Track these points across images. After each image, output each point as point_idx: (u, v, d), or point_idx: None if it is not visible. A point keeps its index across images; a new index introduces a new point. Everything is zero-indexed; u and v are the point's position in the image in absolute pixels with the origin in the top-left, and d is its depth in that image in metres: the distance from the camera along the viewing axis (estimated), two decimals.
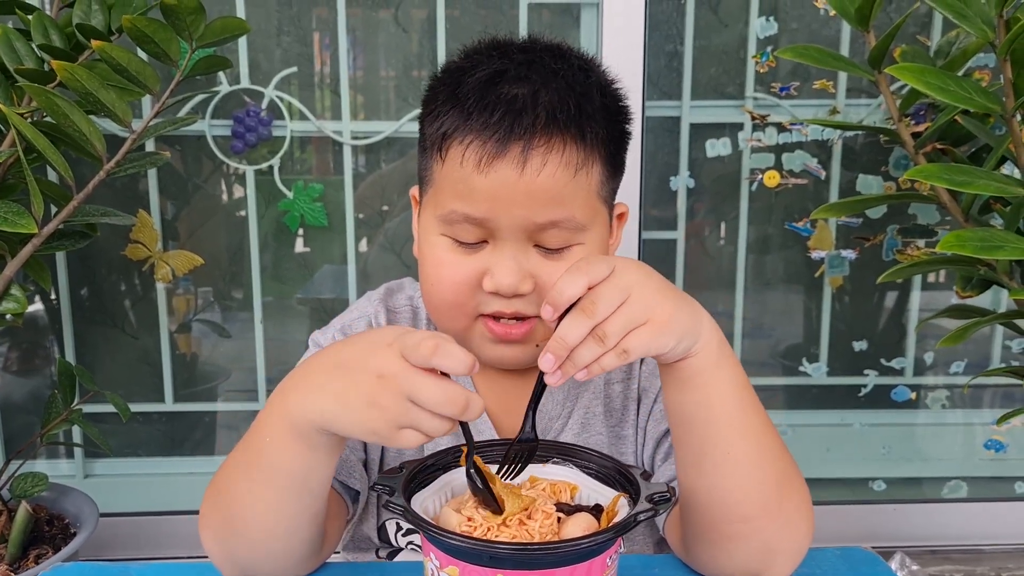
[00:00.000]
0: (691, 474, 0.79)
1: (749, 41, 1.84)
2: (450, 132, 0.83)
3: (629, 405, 0.97)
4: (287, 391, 0.72)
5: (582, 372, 0.68)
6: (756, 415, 0.78)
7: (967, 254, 1.15)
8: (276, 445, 0.72)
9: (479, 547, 0.64)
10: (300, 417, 0.69)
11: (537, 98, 0.81)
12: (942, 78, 1.17)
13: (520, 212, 0.81)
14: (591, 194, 0.85)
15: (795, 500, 0.79)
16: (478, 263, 0.84)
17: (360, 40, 1.84)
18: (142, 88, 1.31)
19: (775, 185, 1.88)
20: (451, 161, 0.83)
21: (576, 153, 0.82)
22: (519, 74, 0.83)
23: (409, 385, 0.64)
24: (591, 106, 0.84)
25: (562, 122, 0.81)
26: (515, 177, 0.80)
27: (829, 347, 1.99)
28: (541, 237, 0.83)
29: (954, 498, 2.06)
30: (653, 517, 0.67)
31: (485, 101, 0.81)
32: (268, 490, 0.74)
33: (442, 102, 0.85)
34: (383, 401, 0.65)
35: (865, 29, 1.42)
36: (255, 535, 0.77)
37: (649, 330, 0.69)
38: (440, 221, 0.85)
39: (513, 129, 0.80)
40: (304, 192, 1.84)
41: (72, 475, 1.94)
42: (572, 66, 0.86)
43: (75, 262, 1.86)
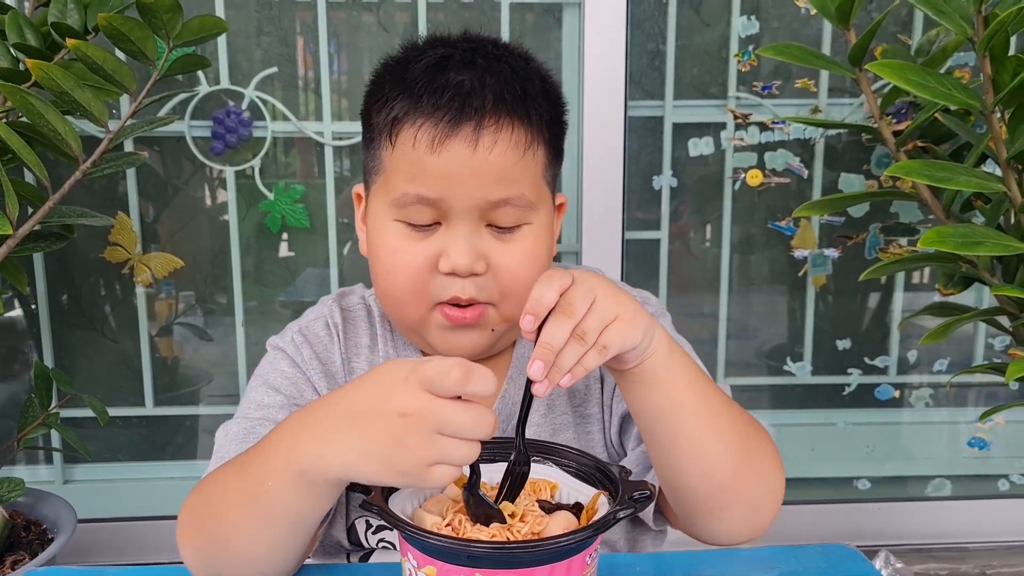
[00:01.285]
0: (666, 463, 0.82)
1: (731, 40, 1.85)
2: (400, 116, 0.85)
3: (591, 384, 0.97)
4: (297, 441, 0.68)
5: (566, 377, 0.70)
6: (712, 393, 0.81)
7: (948, 250, 1.16)
8: (281, 491, 0.70)
9: (457, 546, 0.63)
10: (313, 469, 0.67)
11: (484, 81, 0.84)
12: (922, 75, 1.18)
13: (473, 190, 0.83)
14: (538, 175, 0.88)
15: (762, 450, 0.84)
16: (432, 246, 0.85)
17: (342, 41, 1.83)
18: (118, 87, 1.29)
19: (758, 184, 1.88)
20: (402, 145, 0.85)
21: (524, 133, 0.85)
22: (464, 59, 0.86)
23: (439, 418, 0.62)
24: (534, 90, 0.87)
25: (509, 103, 0.84)
26: (468, 155, 0.82)
27: (813, 346, 1.99)
28: (494, 215, 0.85)
29: (938, 496, 2.07)
30: (633, 515, 0.67)
31: (434, 85, 0.84)
32: (266, 528, 0.73)
33: (389, 89, 0.87)
34: (411, 441, 0.62)
35: (846, 27, 1.42)
36: (246, 561, 0.76)
37: (621, 325, 0.72)
38: (392, 206, 0.86)
39: (464, 110, 0.83)
40: (285, 193, 1.83)
41: (51, 480, 1.92)
42: (512, 54, 0.89)
43: (53, 265, 1.84)
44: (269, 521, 0.73)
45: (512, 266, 0.86)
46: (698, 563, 0.86)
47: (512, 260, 0.86)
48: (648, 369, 0.76)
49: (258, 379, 0.94)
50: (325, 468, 0.67)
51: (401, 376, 0.64)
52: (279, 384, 0.92)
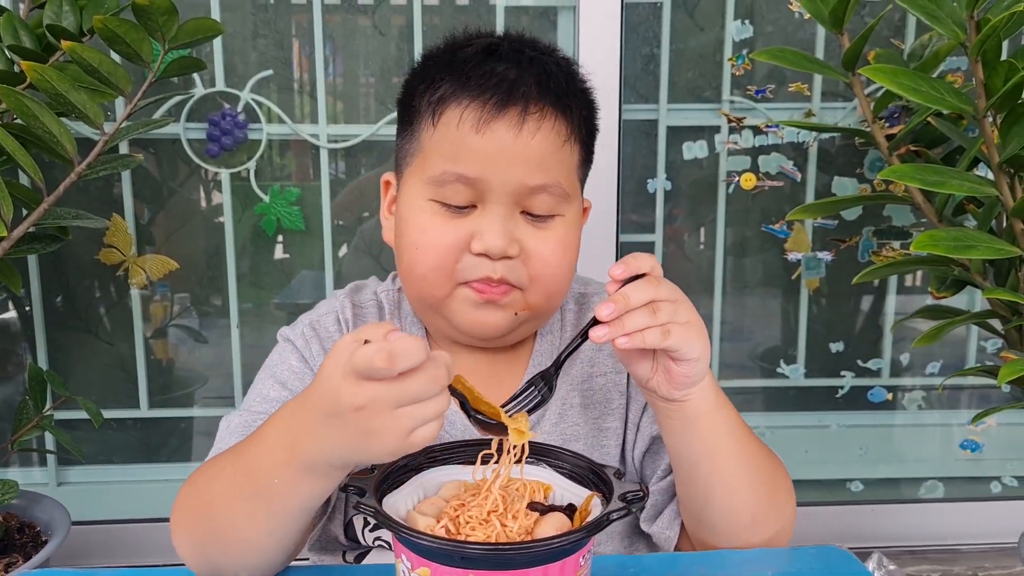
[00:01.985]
0: (696, 502, 0.87)
1: (725, 44, 1.85)
2: (447, 96, 0.86)
3: (613, 397, 0.98)
4: (297, 439, 0.69)
5: (624, 339, 0.74)
6: (747, 438, 0.86)
7: (940, 254, 1.17)
8: (288, 484, 0.71)
9: (451, 548, 0.63)
10: (320, 461, 0.68)
11: (531, 71, 0.87)
12: (915, 79, 1.18)
13: (514, 173, 0.85)
14: (572, 169, 0.91)
15: (782, 488, 0.89)
16: (465, 227, 0.86)
17: (337, 44, 1.83)
18: (114, 89, 1.30)
19: (751, 187, 1.89)
20: (446, 125, 0.86)
21: (564, 125, 0.88)
22: (513, 48, 0.89)
23: (391, 399, 0.62)
24: (574, 88, 0.90)
25: (553, 95, 0.87)
26: (511, 138, 0.84)
27: (806, 349, 2.00)
28: (530, 202, 0.87)
29: (931, 498, 2.07)
30: (626, 516, 0.67)
31: (483, 69, 0.86)
32: (271, 517, 0.74)
33: (437, 71, 0.89)
34: (376, 426, 0.63)
35: (839, 32, 1.43)
36: (246, 551, 0.77)
37: (690, 329, 0.77)
38: (429, 184, 0.87)
39: (511, 94, 0.85)
40: (281, 196, 1.83)
41: (45, 483, 1.92)
42: (555, 54, 0.92)
43: (48, 266, 1.84)
44: (274, 511, 0.73)
45: (544, 253, 0.88)
46: (692, 565, 0.86)
47: (545, 248, 0.88)
48: (692, 409, 0.81)
49: (267, 370, 0.96)
50: (328, 459, 0.68)
51: (339, 374, 0.64)
52: (286, 378, 0.93)
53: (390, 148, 1.86)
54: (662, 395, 0.81)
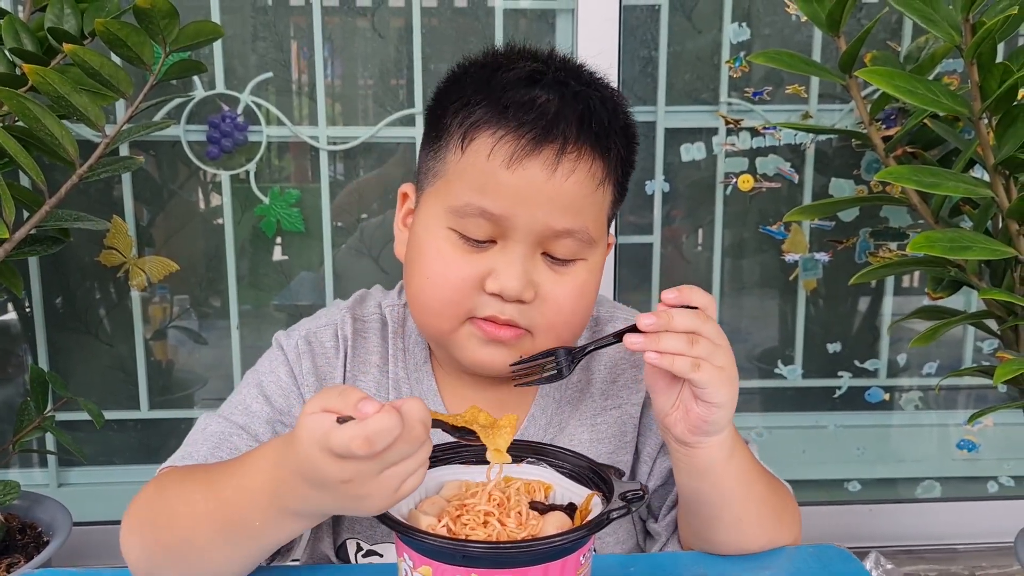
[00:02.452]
0: (704, 533, 0.87)
1: (723, 47, 1.86)
2: (480, 123, 0.81)
3: (627, 431, 0.96)
4: (280, 493, 0.69)
5: (654, 354, 0.73)
6: (758, 480, 0.85)
7: (936, 255, 1.18)
8: (269, 525, 0.72)
9: (452, 546, 0.64)
10: (304, 511, 0.70)
11: (574, 106, 0.81)
12: (911, 81, 1.19)
13: (541, 215, 0.81)
14: (603, 211, 0.86)
15: (790, 519, 0.90)
16: (482, 263, 0.82)
17: (336, 46, 1.84)
18: (115, 92, 1.30)
19: (749, 189, 1.89)
20: (475, 153, 0.81)
21: (600, 167, 0.83)
22: (557, 78, 0.82)
23: (375, 469, 0.63)
24: (617, 125, 0.85)
25: (594, 134, 0.82)
26: (544, 178, 0.80)
27: (804, 350, 2.00)
28: (552, 245, 0.83)
29: (928, 498, 2.08)
30: (626, 515, 0.68)
31: (523, 99, 0.81)
32: (243, 551, 0.75)
33: (473, 92, 0.83)
34: (366, 491, 0.64)
35: (836, 34, 1.43)
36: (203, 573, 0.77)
37: (721, 373, 0.75)
38: (451, 213, 0.83)
39: (549, 131, 0.80)
40: (281, 198, 1.84)
41: (46, 484, 1.92)
42: (601, 84, 0.87)
43: (49, 268, 1.84)
44: (250, 546, 0.74)
45: (561, 299, 0.84)
46: (691, 564, 0.87)
47: (562, 293, 0.84)
48: (705, 458, 0.80)
49: (255, 376, 0.94)
50: (315, 512, 0.70)
51: (316, 451, 0.63)
52: (271, 392, 0.92)
53: (390, 150, 1.87)
54: (676, 435, 0.79)
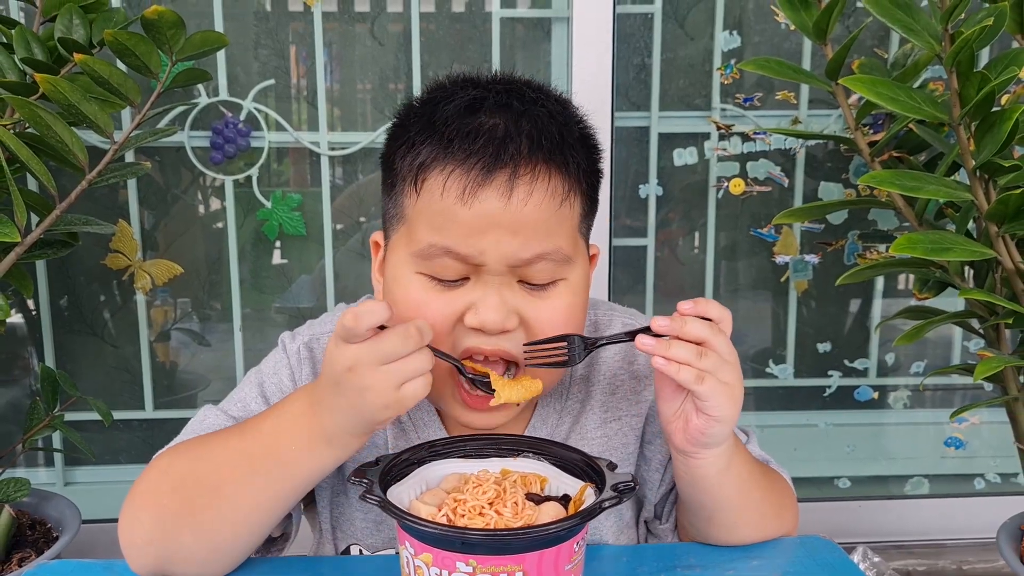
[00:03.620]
0: (700, 530, 0.90)
1: (714, 54, 1.89)
2: (428, 162, 0.79)
3: (629, 441, 0.96)
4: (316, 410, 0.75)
5: (661, 360, 0.75)
6: (756, 484, 0.87)
7: (918, 256, 1.20)
8: (304, 450, 0.76)
9: (451, 534, 0.67)
10: (333, 427, 0.75)
11: (520, 125, 0.79)
12: (893, 89, 1.23)
13: (507, 245, 0.78)
14: (574, 227, 0.83)
15: (788, 513, 0.93)
16: (458, 300, 0.80)
17: (336, 53, 1.86)
18: (123, 100, 1.33)
19: (740, 193, 1.92)
20: (429, 193, 0.79)
21: (561, 183, 0.80)
22: (499, 101, 0.80)
23: (372, 356, 0.71)
24: (572, 136, 0.82)
25: (547, 150, 0.79)
26: (501, 207, 0.77)
27: (795, 349, 2.03)
28: (527, 272, 0.80)
29: (916, 494, 2.10)
30: (617, 504, 0.70)
31: (466, 128, 0.78)
32: (276, 485, 0.78)
33: (416, 132, 0.81)
34: (367, 383, 0.71)
35: (823, 42, 1.46)
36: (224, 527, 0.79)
37: (725, 389, 0.77)
38: (417, 258, 0.80)
39: (499, 157, 0.77)
40: (282, 202, 1.86)
41: (52, 483, 1.94)
42: (549, 98, 0.84)
43: (55, 271, 1.87)
44: (283, 477, 0.77)
45: (545, 323, 0.81)
46: (681, 554, 0.89)
47: (546, 317, 0.81)
48: (701, 469, 0.81)
49: (257, 375, 0.95)
50: (340, 426, 0.75)
51: (333, 342, 0.72)
52: (271, 393, 0.93)
53: None
54: (675, 444, 0.80)
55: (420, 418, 0.95)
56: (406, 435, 0.94)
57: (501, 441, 0.82)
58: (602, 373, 0.97)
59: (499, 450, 0.82)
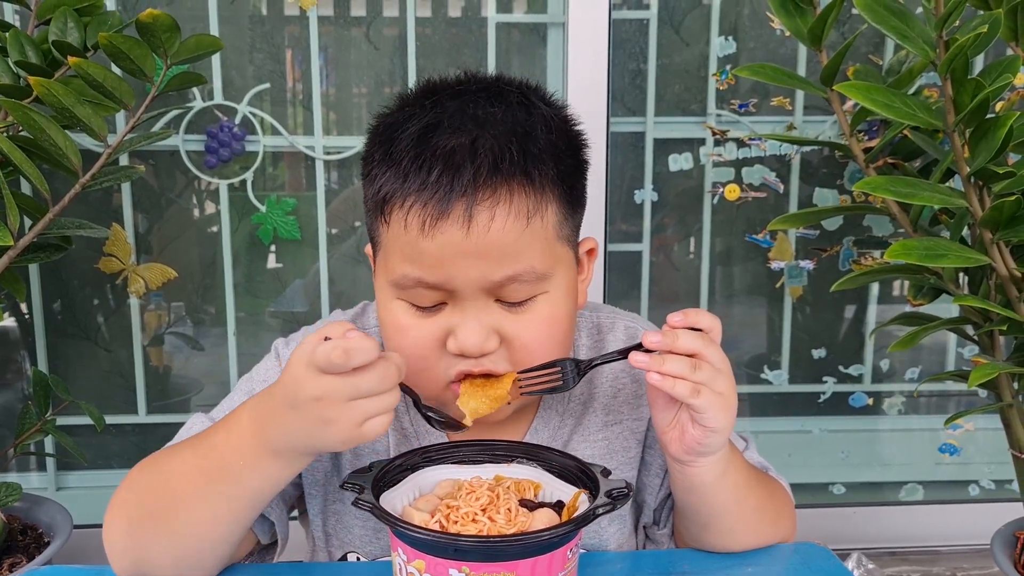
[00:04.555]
0: (696, 537, 0.90)
1: (710, 60, 1.89)
2: (389, 196, 0.79)
3: (631, 445, 0.96)
4: (262, 429, 0.73)
5: (656, 376, 0.74)
6: (752, 491, 0.87)
7: (913, 262, 1.20)
8: (251, 465, 0.75)
9: (445, 540, 0.66)
10: (282, 445, 0.73)
11: (476, 148, 0.76)
12: (888, 95, 1.23)
13: (474, 272, 0.77)
14: (549, 239, 0.81)
15: (785, 520, 0.93)
16: (439, 325, 0.80)
17: (332, 57, 1.86)
18: (117, 103, 1.33)
19: (736, 198, 1.92)
20: (395, 225, 0.79)
21: (526, 200, 0.78)
22: (453, 124, 0.78)
23: (345, 392, 0.68)
24: (536, 146, 0.79)
25: (506, 170, 0.77)
26: (462, 237, 0.76)
27: (790, 355, 2.02)
28: (502, 293, 0.79)
29: (911, 501, 2.10)
30: (611, 511, 0.70)
31: (420, 160, 0.77)
32: (226, 500, 0.77)
33: (377, 163, 0.81)
34: (332, 416, 0.69)
35: (818, 48, 1.46)
36: (186, 536, 0.78)
37: (720, 399, 0.76)
38: (393, 286, 0.81)
39: (453, 186, 0.75)
40: (277, 206, 1.86)
41: (44, 488, 1.93)
42: (511, 104, 0.81)
43: (48, 275, 1.86)
44: (232, 493, 0.76)
45: (527, 339, 0.81)
46: (676, 560, 0.90)
47: (527, 334, 0.81)
48: (696, 477, 0.81)
49: (247, 382, 0.95)
50: (290, 444, 0.73)
51: (302, 367, 0.69)
52: None
53: None
54: (671, 453, 0.81)
55: (423, 423, 0.93)
56: (408, 442, 0.94)
57: (495, 447, 0.82)
58: (605, 377, 0.97)
59: (493, 456, 0.81)
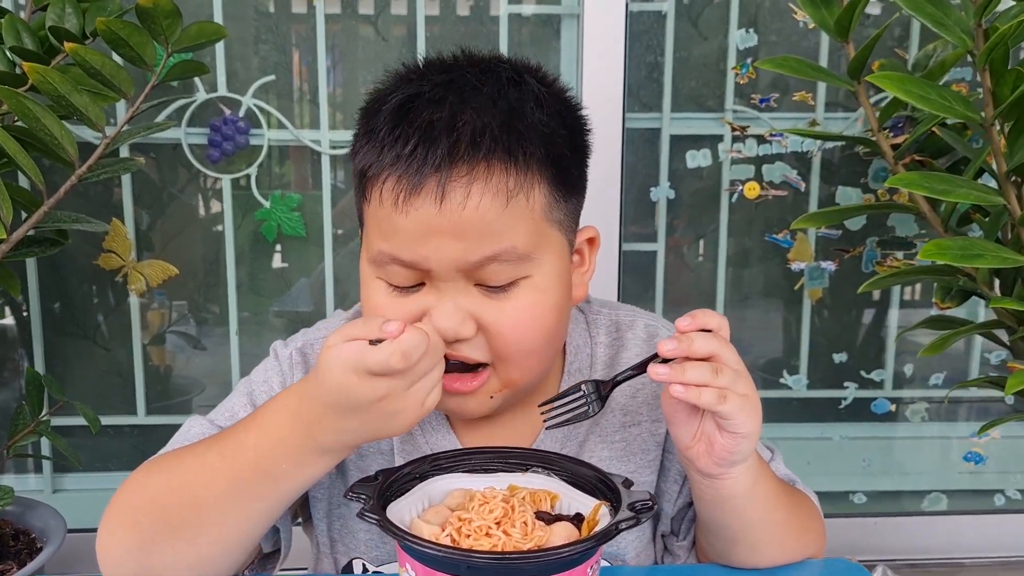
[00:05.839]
0: (720, 553, 0.87)
1: (729, 53, 1.85)
2: (367, 169, 0.77)
3: (650, 448, 0.93)
4: (310, 427, 0.71)
5: (679, 387, 0.70)
6: (782, 504, 0.84)
7: (948, 262, 1.15)
8: (296, 466, 0.73)
9: (456, 556, 0.62)
10: (335, 445, 0.72)
11: (454, 121, 0.73)
12: (923, 87, 1.18)
13: (449, 251, 0.74)
14: (535, 220, 0.77)
15: (814, 535, 0.89)
16: (416, 305, 0.77)
17: (339, 49, 1.83)
18: (116, 92, 1.29)
19: (755, 196, 1.88)
20: (373, 200, 0.77)
21: (506, 178, 0.74)
22: (435, 96, 0.75)
23: (406, 385, 0.68)
24: (522, 123, 0.75)
25: (485, 146, 0.73)
26: (434, 213, 0.73)
27: (809, 359, 1.99)
28: (481, 275, 0.76)
29: (934, 511, 2.06)
30: (635, 526, 0.66)
31: (397, 132, 0.74)
32: (259, 505, 0.75)
33: (359, 137, 0.79)
34: (397, 407, 0.69)
35: (845, 40, 1.42)
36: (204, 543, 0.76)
37: (746, 402, 0.73)
38: (372, 263, 0.79)
39: (427, 160, 0.72)
40: (282, 202, 1.82)
41: (40, 490, 1.90)
42: (500, 79, 0.77)
43: (46, 271, 1.82)
44: (268, 493, 0.74)
45: (506, 328, 0.77)
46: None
47: (506, 321, 0.77)
48: (728, 489, 0.78)
49: (247, 385, 0.92)
50: (345, 443, 0.72)
51: (351, 375, 0.67)
52: (260, 402, 0.89)
53: None
54: (700, 468, 0.76)
55: (427, 421, 0.91)
56: (413, 440, 0.90)
57: (509, 455, 0.78)
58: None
59: (507, 464, 0.78)
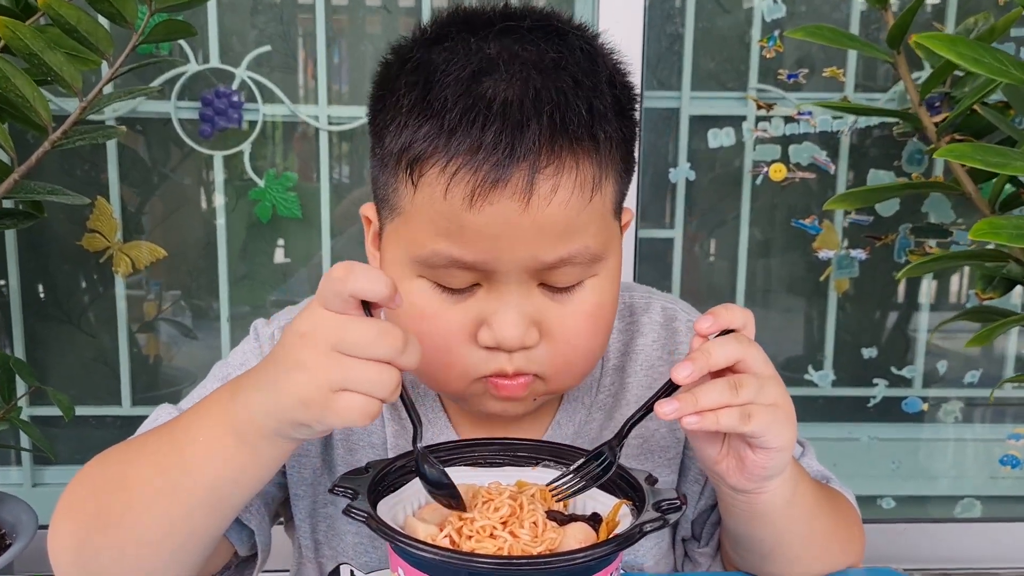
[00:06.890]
0: (754, 566, 0.80)
1: (754, 26, 1.78)
2: (425, 154, 0.66)
3: (670, 445, 0.86)
4: (233, 396, 0.63)
5: (693, 417, 0.62)
6: (822, 515, 0.77)
7: (1002, 243, 1.08)
8: (208, 446, 0.64)
9: (456, 560, 0.57)
10: (245, 417, 0.62)
11: (539, 103, 0.65)
12: (976, 49, 1.08)
13: (524, 252, 0.67)
14: (606, 215, 0.71)
15: (856, 533, 0.83)
16: (470, 312, 0.70)
17: (340, 21, 1.76)
18: (94, 51, 1.20)
19: (782, 179, 1.81)
20: (428, 190, 0.67)
21: (592, 169, 0.67)
22: (510, 69, 0.66)
23: (334, 333, 0.57)
24: (603, 104, 0.68)
25: (574, 131, 0.65)
26: (518, 212, 0.65)
27: (835, 354, 1.93)
28: (549, 276, 0.69)
29: (967, 518, 2.01)
30: (661, 528, 0.60)
31: (472, 113, 0.64)
32: (177, 501, 0.65)
33: (408, 107, 0.67)
34: (306, 358, 0.58)
35: (883, 7, 1.34)
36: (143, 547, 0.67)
37: (775, 412, 0.65)
38: (417, 263, 0.69)
39: (514, 148, 0.63)
40: (277, 181, 1.76)
41: (20, 483, 1.86)
42: (574, 51, 0.68)
43: (27, 251, 1.77)
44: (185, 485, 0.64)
45: (571, 332, 0.71)
46: None
47: (571, 326, 0.71)
48: (763, 504, 0.70)
49: (223, 368, 0.87)
50: (252, 421, 0.61)
51: (310, 305, 0.60)
52: None
53: None
54: (732, 484, 0.69)
55: (424, 412, 0.83)
56: (407, 433, 0.82)
57: (517, 447, 0.73)
58: (639, 363, 0.86)
59: (515, 457, 0.72)
